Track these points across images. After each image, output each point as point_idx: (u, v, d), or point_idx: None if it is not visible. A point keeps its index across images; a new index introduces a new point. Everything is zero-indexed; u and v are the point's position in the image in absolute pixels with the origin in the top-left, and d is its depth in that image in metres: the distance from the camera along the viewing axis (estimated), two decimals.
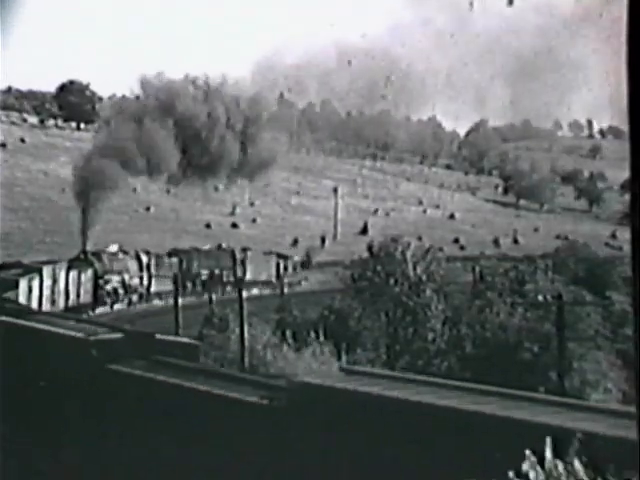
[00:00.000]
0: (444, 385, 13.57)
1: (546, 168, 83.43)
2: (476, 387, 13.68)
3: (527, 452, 6.51)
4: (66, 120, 77.11)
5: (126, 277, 45.72)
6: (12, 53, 38.37)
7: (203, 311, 32.83)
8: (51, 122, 78.04)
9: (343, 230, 64.07)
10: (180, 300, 43.41)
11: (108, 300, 44.52)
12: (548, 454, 6.59)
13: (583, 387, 26.44)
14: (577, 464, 6.51)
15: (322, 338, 26.17)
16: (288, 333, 26.93)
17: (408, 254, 32.36)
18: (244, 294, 27.04)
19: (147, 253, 47.91)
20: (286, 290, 47.25)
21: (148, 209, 61.86)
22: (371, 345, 29.24)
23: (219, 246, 54.10)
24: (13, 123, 74.70)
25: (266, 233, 62.45)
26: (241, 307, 25.91)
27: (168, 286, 46.05)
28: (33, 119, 77.73)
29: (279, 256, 54.28)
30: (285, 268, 53.68)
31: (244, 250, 52.95)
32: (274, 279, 52.06)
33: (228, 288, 48.70)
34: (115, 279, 45.01)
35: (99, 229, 48.36)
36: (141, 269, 46.87)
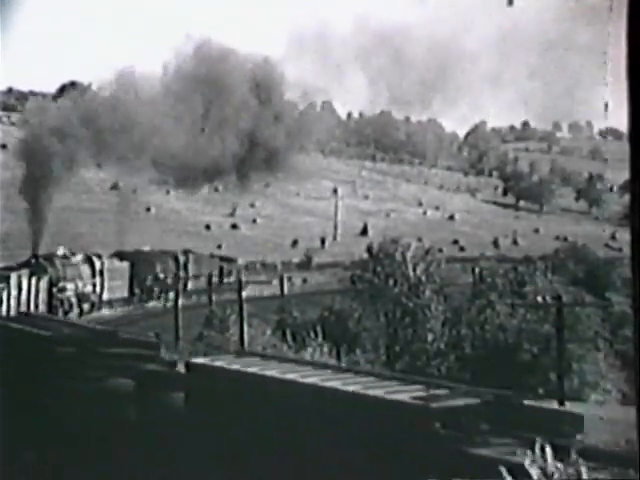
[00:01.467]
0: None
1: (545, 169, 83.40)
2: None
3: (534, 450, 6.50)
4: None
5: (79, 284, 41.09)
6: (13, 54, 38.10)
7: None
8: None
9: (343, 231, 64.07)
10: (130, 308, 41.65)
11: (61, 310, 39.81)
12: (549, 457, 6.58)
13: (582, 388, 26.47)
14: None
15: (322, 339, 26.19)
16: (288, 334, 26.96)
17: (408, 255, 32.40)
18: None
19: (99, 257, 43.26)
20: (228, 296, 45.01)
21: (148, 210, 61.88)
22: (371, 346, 29.27)
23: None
24: (13, 124, 74.76)
25: (266, 234, 62.45)
26: (241, 308, 25.94)
27: (118, 293, 43.11)
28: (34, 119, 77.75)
29: (222, 259, 50.23)
30: (229, 272, 48.99)
31: (186, 252, 48.45)
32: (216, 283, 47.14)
33: (170, 295, 44.26)
34: (69, 287, 40.38)
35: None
36: (93, 275, 42.12)
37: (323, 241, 62.70)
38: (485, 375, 27.13)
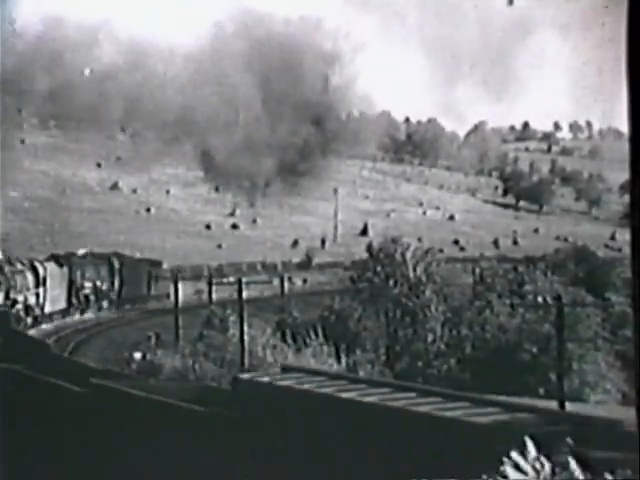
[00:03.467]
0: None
1: (545, 169, 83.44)
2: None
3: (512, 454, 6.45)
4: (66, 120, 76.97)
5: (27, 295, 35.65)
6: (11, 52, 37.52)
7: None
8: (51, 123, 77.94)
9: (343, 231, 64.05)
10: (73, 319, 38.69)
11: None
12: (532, 452, 6.57)
13: (582, 388, 26.47)
14: (572, 464, 6.50)
15: (322, 339, 26.18)
16: (288, 334, 26.95)
17: (408, 255, 32.40)
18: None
19: (41, 262, 37.92)
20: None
21: (149, 210, 61.93)
22: (371, 346, 29.26)
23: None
24: (13, 124, 74.64)
25: (266, 234, 62.47)
26: (241, 308, 25.93)
27: (58, 305, 38.11)
28: (33, 119, 77.70)
29: (151, 264, 45.44)
30: (156, 278, 44.32)
31: (118, 256, 43.47)
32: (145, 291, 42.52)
33: (105, 304, 40.91)
34: (20, 299, 34.97)
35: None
36: (37, 284, 36.57)
37: (323, 241, 62.71)
38: (485, 375, 27.14)
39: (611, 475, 6.46)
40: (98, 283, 40.80)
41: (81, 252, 42.26)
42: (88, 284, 40.36)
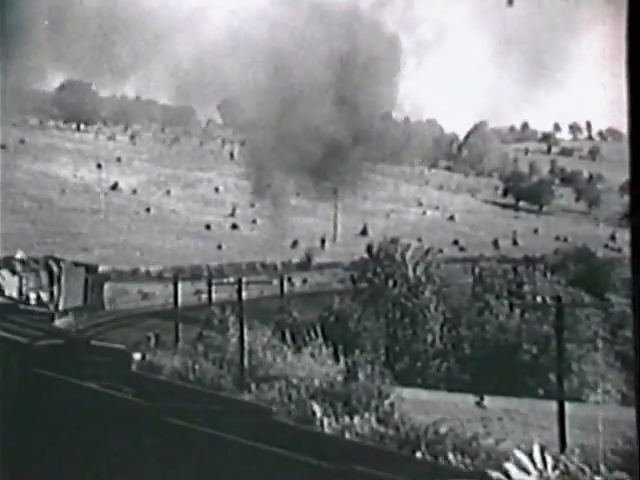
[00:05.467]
0: None
1: (545, 170, 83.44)
2: None
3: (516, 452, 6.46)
4: (66, 121, 77.04)
5: None
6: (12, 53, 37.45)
7: None
8: (51, 123, 78.02)
9: (343, 231, 64.05)
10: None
11: None
12: (537, 455, 6.58)
13: (582, 388, 26.47)
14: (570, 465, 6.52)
15: (321, 339, 26.15)
16: (287, 334, 26.93)
17: (407, 255, 32.40)
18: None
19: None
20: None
21: (148, 210, 61.93)
22: (370, 346, 29.25)
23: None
24: (13, 124, 74.68)
25: (266, 234, 62.48)
26: (241, 308, 25.92)
27: None
28: (33, 120, 77.77)
29: (87, 269, 41.35)
30: (92, 286, 40.42)
31: (55, 260, 39.31)
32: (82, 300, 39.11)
33: (37, 317, 36.31)
34: None
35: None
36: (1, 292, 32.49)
37: (323, 241, 62.72)
38: (485, 375, 27.13)
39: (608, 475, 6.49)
40: (41, 293, 36.82)
41: (18, 256, 38.21)
42: (33, 295, 36.31)
